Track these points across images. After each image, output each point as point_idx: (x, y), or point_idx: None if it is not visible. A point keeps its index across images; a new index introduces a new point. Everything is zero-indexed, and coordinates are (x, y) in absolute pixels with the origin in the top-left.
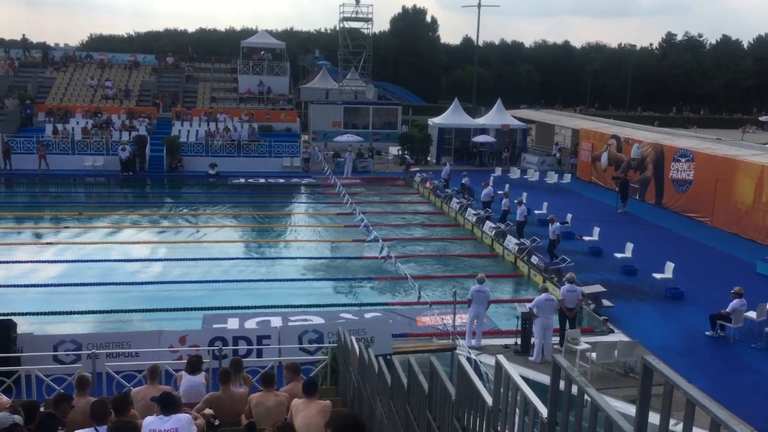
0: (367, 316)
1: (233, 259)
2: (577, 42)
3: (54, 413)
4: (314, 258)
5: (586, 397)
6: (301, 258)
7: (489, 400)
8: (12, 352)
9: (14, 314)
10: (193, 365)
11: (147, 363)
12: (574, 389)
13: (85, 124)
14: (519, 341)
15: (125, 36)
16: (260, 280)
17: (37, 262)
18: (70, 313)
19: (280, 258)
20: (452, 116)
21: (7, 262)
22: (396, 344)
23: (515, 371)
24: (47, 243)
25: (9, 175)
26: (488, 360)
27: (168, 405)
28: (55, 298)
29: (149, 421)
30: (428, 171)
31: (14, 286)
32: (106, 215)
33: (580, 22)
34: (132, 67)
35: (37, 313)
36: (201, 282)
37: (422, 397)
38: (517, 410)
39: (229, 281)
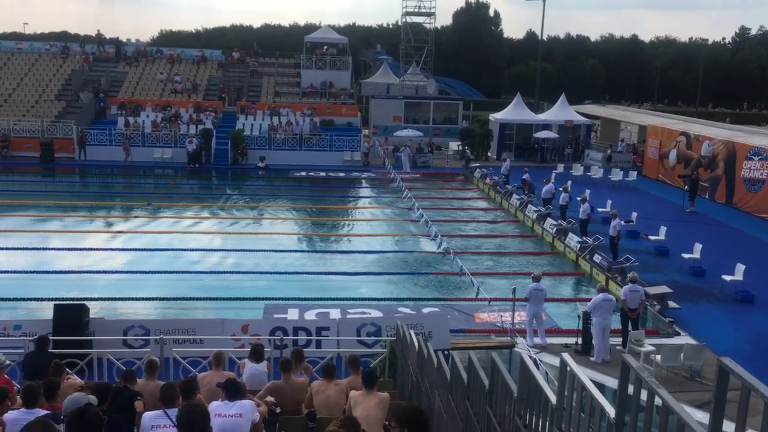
0: (425, 310)
1: (293, 251)
2: (646, 36)
3: (127, 386)
4: (373, 252)
5: (657, 399)
6: (360, 251)
7: (553, 398)
8: (85, 336)
9: (87, 299)
10: (257, 353)
11: (211, 350)
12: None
13: (154, 117)
14: (580, 341)
15: (193, 32)
16: (320, 273)
17: (108, 249)
18: (138, 299)
19: (339, 251)
20: (514, 111)
21: (80, 249)
22: (454, 340)
23: (581, 371)
24: (118, 231)
25: (83, 165)
26: (547, 359)
27: (232, 391)
28: (124, 284)
29: (215, 406)
30: (488, 167)
31: (87, 272)
32: (173, 206)
33: (648, 16)
34: (199, 62)
35: (108, 299)
36: (262, 273)
37: (482, 392)
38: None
39: (289, 273)
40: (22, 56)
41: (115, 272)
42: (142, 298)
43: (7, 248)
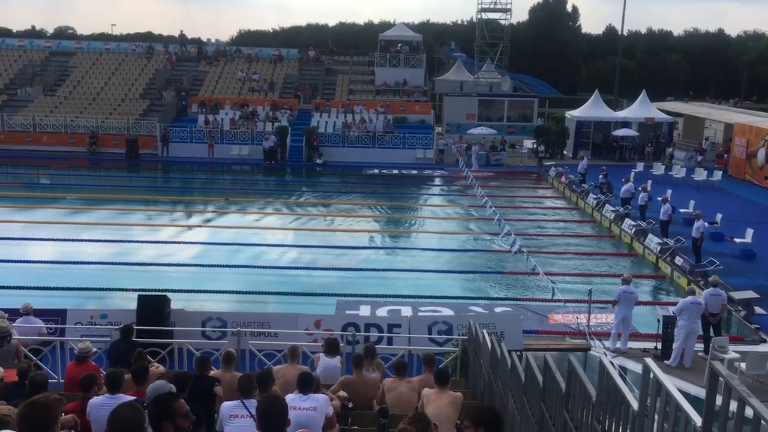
0: (498, 310)
1: (366, 247)
2: (733, 30)
3: (204, 374)
4: (445, 249)
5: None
6: (432, 249)
7: (634, 404)
8: (166, 326)
9: (167, 290)
10: (331, 348)
11: (285, 343)
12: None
13: (233, 115)
14: (659, 345)
15: (270, 31)
16: (391, 270)
17: (187, 243)
18: (215, 291)
19: (411, 248)
20: (592, 109)
21: (161, 242)
22: (527, 341)
23: (666, 377)
24: (196, 225)
25: (166, 161)
26: (625, 363)
27: (307, 384)
28: (201, 276)
29: (290, 399)
30: (564, 165)
31: (167, 264)
32: (249, 202)
33: (735, 9)
34: (276, 60)
35: (187, 291)
36: (335, 269)
37: (559, 395)
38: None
39: (361, 269)
40: (109, 56)
41: (193, 265)
42: (219, 291)
43: (94, 240)
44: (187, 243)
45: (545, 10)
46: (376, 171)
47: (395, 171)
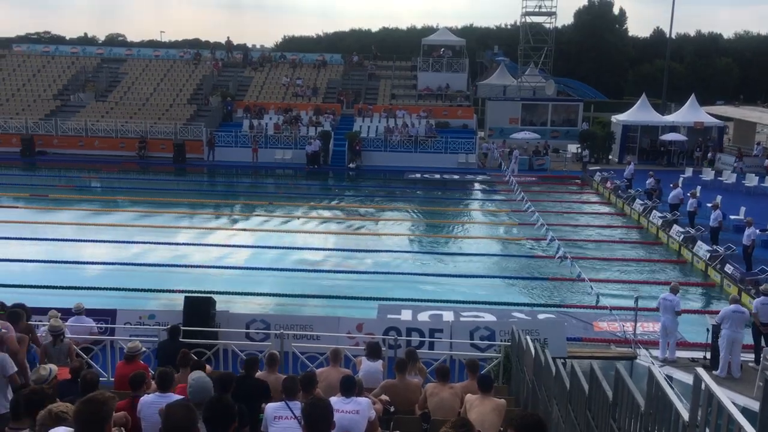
0: (541, 317)
1: (407, 252)
2: None
3: (251, 375)
4: (487, 255)
5: None
6: (474, 254)
7: (685, 414)
8: (211, 327)
9: (212, 292)
10: (374, 352)
11: (327, 346)
12: None
13: (277, 119)
14: (708, 355)
15: (314, 37)
16: (433, 274)
17: (231, 246)
18: (258, 294)
19: (453, 253)
20: (639, 113)
21: (206, 245)
22: (570, 348)
23: (718, 388)
24: (241, 229)
25: (211, 165)
26: (672, 372)
27: (350, 387)
28: (245, 279)
29: (332, 402)
30: (609, 170)
31: (212, 266)
32: (292, 206)
33: None
34: (320, 66)
35: (231, 293)
36: (376, 273)
37: (605, 404)
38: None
39: (402, 273)
40: (158, 63)
41: (237, 268)
42: (262, 294)
43: (141, 242)
44: (231, 246)
45: (591, 13)
46: (418, 176)
47: (437, 176)
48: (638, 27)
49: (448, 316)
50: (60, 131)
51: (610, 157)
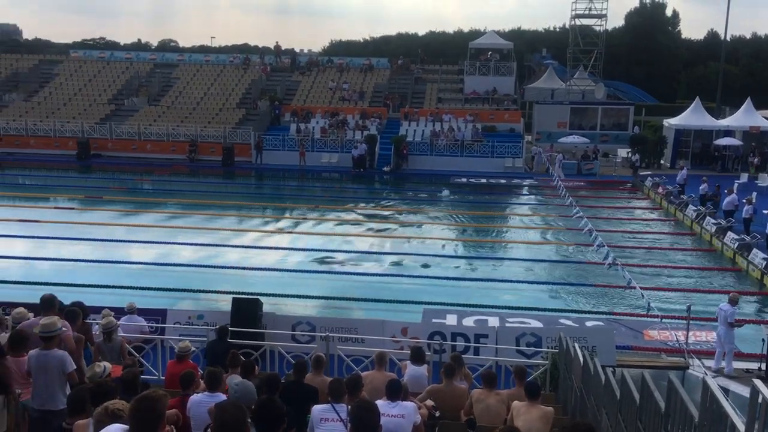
0: (589, 324)
1: (453, 256)
2: None
3: (301, 381)
4: (533, 260)
5: None
6: (520, 259)
7: (741, 427)
8: (258, 328)
9: (258, 294)
10: (418, 356)
11: (371, 349)
12: None
13: (323, 123)
14: (764, 366)
15: (361, 41)
16: (478, 279)
17: (277, 248)
18: (304, 296)
19: (499, 258)
20: (692, 117)
21: (253, 246)
22: (620, 357)
23: None
24: (287, 231)
25: (259, 168)
26: (726, 384)
27: (396, 391)
28: (291, 281)
29: (378, 405)
30: (661, 175)
31: (259, 268)
32: (338, 209)
33: None
34: (366, 70)
35: (277, 295)
36: (421, 277)
37: (657, 415)
38: None
39: (447, 278)
40: (209, 68)
41: (283, 270)
42: (308, 296)
43: (191, 243)
44: (278, 248)
45: (643, 15)
46: (464, 180)
47: (483, 180)
48: (692, 29)
49: (493, 321)
50: (114, 135)
51: (662, 161)
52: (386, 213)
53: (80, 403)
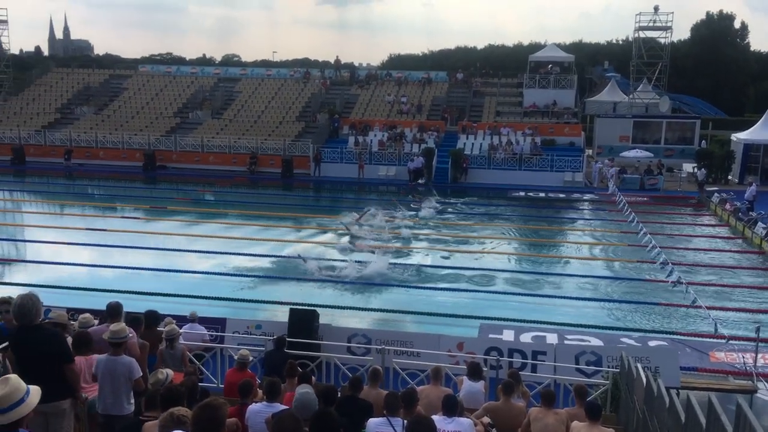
0: (652, 343)
1: (510, 271)
2: None
3: (356, 395)
4: (593, 276)
5: None
6: (580, 275)
7: None
8: (314, 339)
9: (314, 305)
10: (475, 372)
11: (427, 363)
12: None
13: (381, 136)
14: None
15: (420, 55)
16: (536, 295)
17: (332, 260)
18: (359, 308)
19: (557, 274)
20: (762, 131)
21: (310, 258)
22: (684, 378)
23: None
24: (343, 243)
25: (317, 180)
26: None
27: (452, 407)
28: (345, 292)
29: (434, 420)
30: (729, 191)
31: (315, 280)
32: (393, 221)
33: None
34: (425, 83)
35: (332, 306)
36: (477, 291)
37: None
38: None
39: (504, 293)
40: (270, 82)
41: (339, 281)
42: (363, 308)
43: (249, 254)
44: (334, 259)
45: (709, 27)
46: (522, 193)
47: (542, 194)
48: (762, 41)
49: (552, 338)
50: (179, 147)
51: (730, 177)
52: (443, 226)
53: (153, 402)
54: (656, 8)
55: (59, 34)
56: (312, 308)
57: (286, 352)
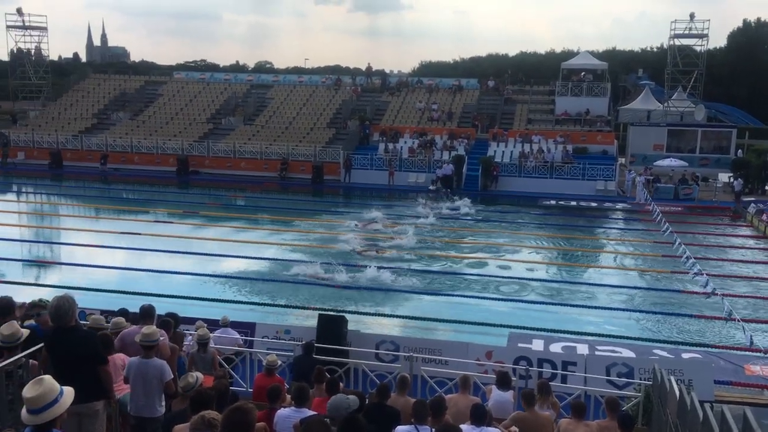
0: (685, 356)
1: (539, 280)
2: None
3: (383, 402)
4: (625, 287)
5: None
6: (611, 285)
7: None
8: (343, 345)
9: (341, 311)
10: (504, 381)
11: (455, 372)
12: None
13: (411, 143)
14: None
15: (451, 62)
16: (566, 304)
17: (360, 266)
18: (386, 315)
19: (588, 283)
20: None
21: (338, 263)
22: (718, 392)
23: None
24: (371, 250)
25: (347, 186)
26: None
27: (480, 416)
28: (372, 299)
29: (463, 429)
30: (766, 201)
31: (343, 286)
32: (421, 228)
33: None
34: (456, 91)
35: (360, 312)
36: (507, 300)
37: None
38: None
39: (534, 302)
40: (302, 88)
41: (365, 288)
42: (391, 315)
43: (279, 259)
44: (361, 266)
45: (746, 34)
46: (553, 202)
47: (573, 202)
48: None
49: (582, 348)
50: (211, 152)
51: (767, 187)
52: (472, 233)
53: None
54: (692, 15)
55: (97, 41)
56: (340, 314)
57: (314, 357)
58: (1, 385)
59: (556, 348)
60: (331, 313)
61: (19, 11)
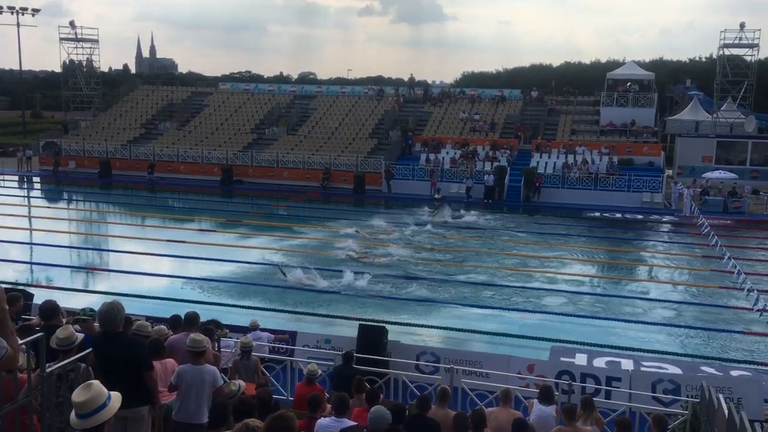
0: (734, 373)
1: (583, 293)
2: None
3: (424, 414)
4: (672, 301)
5: None
6: (657, 300)
7: None
8: (383, 356)
9: (384, 321)
10: (547, 395)
11: (496, 385)
12: None
13: (453, 154)
14: None
15: (494, 72)
16: (611, 319)
17: (401, 277)
18: (427, 326)
19: (634, 298)
20: None
21: (377, 275)
22: None
23: None
24: (412, 261)
25: (388, 197)
26: None
27: (521, 431)
28: (413, 310)
29: None
30: None
31: (384, 297)
32: (466, 239)
33: None
34: (498, 101)
35: (401, 323)
36: (549, 313)
37: None
38: None
39: (578, 315)
40: (344, 99)
41: (406, 299)
42: (432, 326)
43: (319, 268)
44: (399, 277)
45: None
46: (597, 214)
47: (618, 215)
48: None
49: (627, 364)
50: (255, 162)
51: None
52: (514, 245)
53: (223, 418)
54: (742, 25)
55: (146, 53)
56: (380, 324)
57: (354, 367)
58: (52, 388)
59: (599, 363)
60: (372, 323)
61: (72, 24)
